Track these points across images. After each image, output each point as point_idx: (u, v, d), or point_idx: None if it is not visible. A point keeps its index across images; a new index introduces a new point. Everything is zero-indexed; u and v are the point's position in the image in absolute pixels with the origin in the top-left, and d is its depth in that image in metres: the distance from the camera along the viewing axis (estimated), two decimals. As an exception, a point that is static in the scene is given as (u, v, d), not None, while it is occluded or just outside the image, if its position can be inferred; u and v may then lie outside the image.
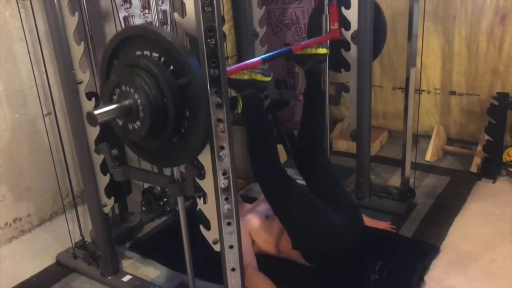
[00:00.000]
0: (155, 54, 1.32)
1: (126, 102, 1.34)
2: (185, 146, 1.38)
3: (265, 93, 1.89)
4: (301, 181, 2.35)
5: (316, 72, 2.30)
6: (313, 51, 2.21)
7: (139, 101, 1.31)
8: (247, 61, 1.82)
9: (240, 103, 1.84)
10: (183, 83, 1.29)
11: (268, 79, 1.78)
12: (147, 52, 1.34)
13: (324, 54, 2.23)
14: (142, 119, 1.33)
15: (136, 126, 1.36)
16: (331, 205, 2.06)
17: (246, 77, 1.81)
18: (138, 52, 1.36)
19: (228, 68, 1.60)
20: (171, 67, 1.30)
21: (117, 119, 1.41)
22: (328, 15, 2.41)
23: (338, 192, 2.21)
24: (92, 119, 1.32)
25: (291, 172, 2.28)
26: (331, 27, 2.42)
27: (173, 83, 1.29)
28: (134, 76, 1.31)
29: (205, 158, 1.39)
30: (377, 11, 2.42)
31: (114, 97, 1.37)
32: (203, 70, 1.25)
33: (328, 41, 2.42)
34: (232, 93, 1.79)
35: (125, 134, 1.43)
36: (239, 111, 1.84)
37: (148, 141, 1.42)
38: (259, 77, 1.79)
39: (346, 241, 2.03)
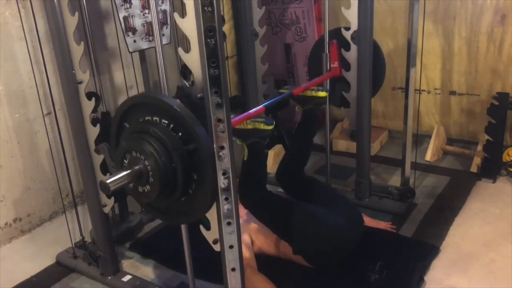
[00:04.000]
0: (164, 121, 1.37)
1: (137, 167, 1.39)
2: (193, 206, 1.43)
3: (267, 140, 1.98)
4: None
5: (314, 112, 2.35)
6: (313, 93, 2.27)
7: (149, 167, 1.36)
8: (250, 111, 1.92)
9: (246, 150, 1.93)
10: (191, 149, 1.33)
11: (270, 127, 1.87)
12: (156, 118, 1.39)
13: (324, 97, 2.28)
14: (152, 183, 1.38)
15: (146, 189, 1.41)
16: (329, 207, 2.09)
17: (249, 126, 1.89)
18: (148, 117, 1.41)
19: (233, 119, 1.70)
20: (180, 133, 1.35)
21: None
22: (328, 54, 2.44)
23: (333, 195, 2.28)
24: (105, 188, 1.38)
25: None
26: (331, 66, 2.46)
27: (181, 149, 1.34)
28: (143, 142, 1.37)
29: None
30: (376, 50, 2.45)
31: (125, 161, 1.43)
32: (204, 75, 1.27)
33: (329, 80, 2.47)
34: (237, 142, 1.90)
35: (136, 196, 1.49)
36: (245, 158, 1.94)
37: (157, 201, 1.46)
38: (262, 126, 1.88)
39: (347, 241, 2.04)
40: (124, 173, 1.40)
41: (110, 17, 2.63)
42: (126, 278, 2.09)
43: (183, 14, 1.29)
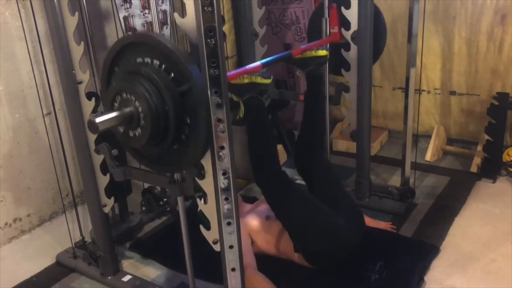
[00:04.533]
0: (156, 62, 1.33)
1: (127, 109, 1.34)
2: (186, 153, 1.38)
3: (266, 95, 1.89)
4: (300, 181, 2.35)
5: (317, 74, 2.31)
6: (313, 53, 2.22)
7: (140, 108, 1.32)
8: (247, 66, 1.83)
9: (242, 107, 1.84)
10: (184, 90, 1.29)
11: (268, 81, 1.79)
12: (148, 60, 1.34)
13: (324, 56, 2.24)
14: (143, 126, 1.33)
15: (137, 133, 1.37)
16: (332, 206, 2.06)
17: (246, 81, 1.81)
18: (139, 59, 1.36)
19: (228, 73, 1.61)
20: (172, 74, 1.30)
21: (118, 127, 1.41)
22: (328, 18, 2.42)
23: (338, 193, 2.20)
24: (93, 126, 1.32)
25: (291, 172, 2.28)
26: (331, 30, 2.43)
27: (174, 90, 1.29)
28: (135, 83, 1.32)
29: (205, 158, 1.39)
30: (377, 14, 2.42)
31: (115, 104, 1.38)
32: (203, 75, 1.25)
33: (328, 44, 2.42)
34: (234, 98, 1.80)
35: (126, 141, 1.44)
36: (241, 115, 1.84)
37: (149, 148, 1.42)
38: (259, 79, 1.80)
39: (348, 242, 2.03)
40: (114, 114, 1.34)
41: (110, 17, 2.63)
42: (126, 278, 2.09)
43: (183, 14, 1.29)
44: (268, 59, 2.03)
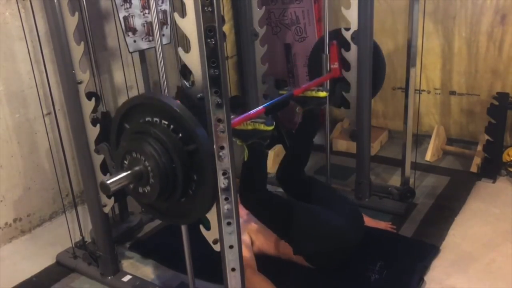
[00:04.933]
0: (164, 122, 1.37)
1: (137, 168, 1.39)
2: (193, 206, 1.43)
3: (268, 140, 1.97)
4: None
5: (315, 112, 2.36)
6: (314, 94, 2.28)
7: (149, 167, 1.37)
8: (250, 112, 1.92)
9: (246, 151, 1.92)
10: (191, 150, 1.34)
11: (270, 128, 1.88)
12: (156, 119, 1.39)
13: (324, 97, 2.29)
14: (152, 184, 1.38)
15: (146, 190, 1.41)
16: (330, 208, 2.09)
17: (250, 127, 1.89)
18: (148, 118, 1.41)
19: (233, 120, 1.71)
20: (180, 134, 1.35)
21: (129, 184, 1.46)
22: (328, 55, 2.45)
23: (333, 195, 2.27)
24: (105, 188, 1.38)
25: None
26: (331, 66, 2.46)
27: (181, 149, 1.34)
28: (144, 143, 1.37)
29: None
30: (376, 48, 2.45)
31: (125, 162, 1.43)
32: (203, 68, 1.26)
33: (329, 81, 2.47)
34: (238, 143, 1.90)
35: (136, 197, 1.49)
36: (245, 159, 1.93)
37: (158, 202, 1.46)
38: (262, 127, 1.88)
39: (348, 242, 2.03)
40: (125, 174, 1.40)
41: (110, 17, 2.63)
42: (126, 278, 2.09)
43: (183, 14, 1.29)
44: (270, 102, 2.10)
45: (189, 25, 1.27)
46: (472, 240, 2.24)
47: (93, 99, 1.84)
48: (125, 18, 2.26)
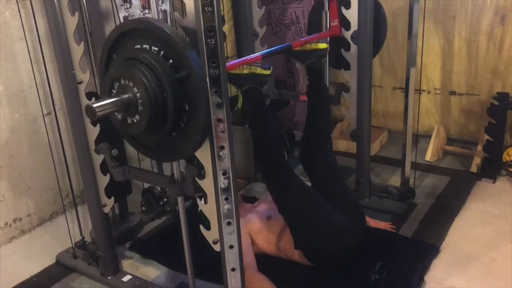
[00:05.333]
0: (155, 48, 1.32)
1: (125, 95, 1.33)
2: (184, 140, 1.37)
3: (266, 89, 1.86)
4: (306, 181, 2.34)
5: (317, 67, 2.29)
6: (313, 46, 2.21)
7: (138, 94, 1.31)
8: (247, 57, 1.82)
9: (241, 98, 1.82)
10: (183, 77, 1.28)
11: (268, 72, 1.77)
12: (146, 46, 1.33)
13: (324, 49, 2.23)
14: (141, 113, 1.32)
15: (135, 120, 1.36)
16: (334, 203, 2.05)
17: (246, 71, 1.79)
18: (138, 46, 1.35)
19: (227, 64, 1.59)
20: (171, 60, 1.30)
21: (116, 113, 1.40)
22: (328, 12, 2.42)
23: (341, 191, 2.20)
24: (91, 112, 1.31)
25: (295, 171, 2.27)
26: (331, 24, 2.42)
27: (173, 76, 1.29)
28: (133, 69, 1.31)
29: (205, 158, 1.39)
30: (377, 6, 2.41)
31: (113, 91, 1.37)
32: (203, 66, 1.25)
33: (328, 38, 2.42)
34: (232, 90, 1.77)
35: (124, 128, 1.43)
36: (240, 106, 1.82)
37: (147, 136, 1.41)
38: (259, 70, 1.78)
39: (350, 240, 2.03)
40: (112, 99, 1.33)
41: (110, 17, 2.63)
42: (126, 278, 2.08)
43: (183, 14, 1.29)
44: (268, 50, 2.04)
45: (189, 25, 1.27)
46: (472, 240, 2.24)
47: (93, 99, 1.84)
48: (125, 18, 2.26)
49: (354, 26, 2.33)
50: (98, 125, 1.86)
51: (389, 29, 3.23)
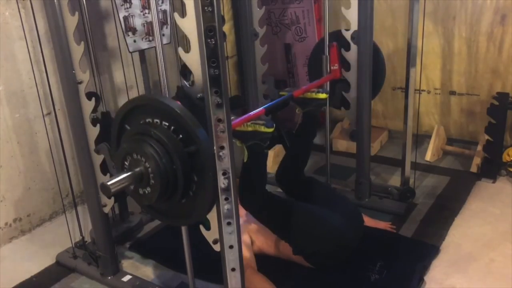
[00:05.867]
0: (165, 123, 1.37)
1: (137, 169, 1.39)
2: (194, 207, 1.43)
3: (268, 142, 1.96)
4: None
5: (314, 114, 2.35)
6: (313, 95, 2.27)
7: (149, 168, 1.37)
8: (250, 113, 1.92)
9: (246, 152, 1.92)
10: (192, 151, 1.34)
11: (270, 130, 1.87)
12: (157, 120, 1.39)
13: (324, 99, 2.28)
14: (152, 185, 1.38)
15: (147, 192, 1.41)
16: (329, 207, 2.09)
17: (250, 128, 1.89)
18: (149, 119, 1.41)
19: (233, 121, 1.69)
20: (180, 135, 1.35)
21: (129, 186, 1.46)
22: (328, 56, 2.45)
23: (332, 195, 2.27)
24: (106, 190, 1.38)
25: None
26: (331, 68, 2.46)
27: (182, 151, 1.34)
28: (144, 145, 1.37)
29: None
30: (376, 50, 2.45)
31: (126, 163, 1.43)
32: (203, 68, 1.26)
33: (329, 82, 2.46)
34: (237, 144, 1.89)
35: (136, 198, 1.49)
36: (245, 160, 1.93)
37: (158, 203, 1.46)
38: (262, 128, 1.87)
39: (348, 241, 2.04)
40: (125, 175, 1.40)
41: (110, 17, 2.63)
42: (126, 278, 2.09)
43: (183, 14, 1.29)
44: (270, 103, 2.11)
45: (189, 25, 1.27)
46: (472, 240, 2.24)
47: (93, 99, 1.84)
48: (125, 18, 2.26)
49: (354, 26, 2.33)
50: (98, 125, 1.86)
51: (389, 29, 3.24)
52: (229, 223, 1.41)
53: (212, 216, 1.45)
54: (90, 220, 2.06)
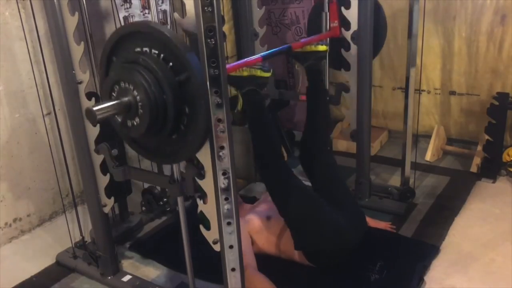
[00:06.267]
0: (155, 51, 1.32)
1: (125, 98, 1.34)
2: (184, 143, 1.38)
3: (265, 90, 1.87)
4: (306, 182, 2.35)
5: (317, 69, 2.29)
6: (313, 48, 2.21)
7: (138, 97, 1.31)
8: (247, 59, 1.82)
9: (241, 100, 1.82)
10: (183, 80, 1.29)
11: (268, 74, 1.77)
12: (146, 49, 1.34)
13: (324, 51, 2.22)
14: (141, 116, 1.33)
15: (135, 123, 1.36)
16: (334, 205, 2.06)
17: (245, 73, 1.79)
18: (138, 49, 1.36)
19: (227, 66, 1.59)
20: (171, 63, 1.30)
21: (116, 116, 1.41)
22: (328, 13, 2.42)
23: (341, 192, 2.20)
24: (91, 115, 1.32)
25: (294, 172, 2.27)
26: (331, 25, 2.42)
27: (173, 79, 1.29)
28: (133, 73, 1.31)
29: (205, 158, 1.39)
30: (377, 7, 2.41)
31: (113, 94, 1.37)
32: (203, 67, 1.26)
33: (328, 39, 2.42)
34: (232, 91, 1.77)
35: (124, 131, 1.43)
36: (240, 108, 1.83)
37: (147, 138, 1.42)
38: (259, 72, 1.78)
39: (350, 241, 2.03)
40: (112, 102, 1.34)
41: (110, 17, 2.62)
42: (126, 278, 2.08)
43: (183, 14, 1.29)
44: (268, 52, 2.03)
45: (189, 25, 1.27)
46: (472, 240, 2.24)
47: (93, 99, 1.84)
48: (125, 18, 2.26)
49: (354, 26, 2.33)
50: (98, 125, 1.86)
51: (389, 29, 3.23)
52: (229, 223, 1.41)
53: (212, 216, 1.45)
54: (90, 220, 2.06)
